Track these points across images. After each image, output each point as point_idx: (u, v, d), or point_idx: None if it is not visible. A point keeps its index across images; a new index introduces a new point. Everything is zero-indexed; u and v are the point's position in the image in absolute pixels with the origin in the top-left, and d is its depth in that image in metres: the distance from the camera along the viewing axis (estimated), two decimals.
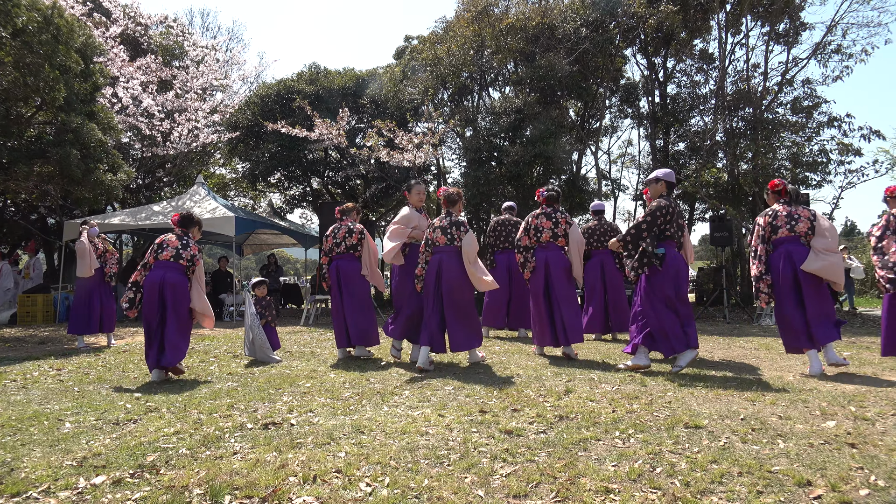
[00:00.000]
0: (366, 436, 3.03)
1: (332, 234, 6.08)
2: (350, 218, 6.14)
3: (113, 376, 5.04)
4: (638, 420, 3.24)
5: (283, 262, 34.00)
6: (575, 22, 12.17)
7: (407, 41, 17.46)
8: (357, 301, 5.92)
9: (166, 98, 13.34)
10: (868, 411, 3.40)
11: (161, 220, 11.15)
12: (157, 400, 3.97)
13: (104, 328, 7.34)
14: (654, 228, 4.93)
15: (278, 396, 4.02)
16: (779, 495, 2.22)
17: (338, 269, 5.99)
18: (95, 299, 7.27)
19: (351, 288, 5.95)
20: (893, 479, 2.35)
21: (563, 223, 5.85)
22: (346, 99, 13.81)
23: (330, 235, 6.08)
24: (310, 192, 16.68)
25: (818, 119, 12.26)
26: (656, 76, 14.13)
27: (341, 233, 6.01)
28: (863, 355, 5.75)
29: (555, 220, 5.86)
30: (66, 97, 8.76)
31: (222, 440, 3.00)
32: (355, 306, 5.89)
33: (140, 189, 15.06)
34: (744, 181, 12.43)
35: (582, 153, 14.41)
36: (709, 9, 11.84)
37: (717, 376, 4.57)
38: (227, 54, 17.37)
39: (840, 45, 12.00)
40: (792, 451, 2.69)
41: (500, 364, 5.30)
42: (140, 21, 14.04)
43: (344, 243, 5.98)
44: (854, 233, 40.61)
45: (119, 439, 3.05)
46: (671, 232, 4.97)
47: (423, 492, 2.29)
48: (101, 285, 7.34)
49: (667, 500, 2.20)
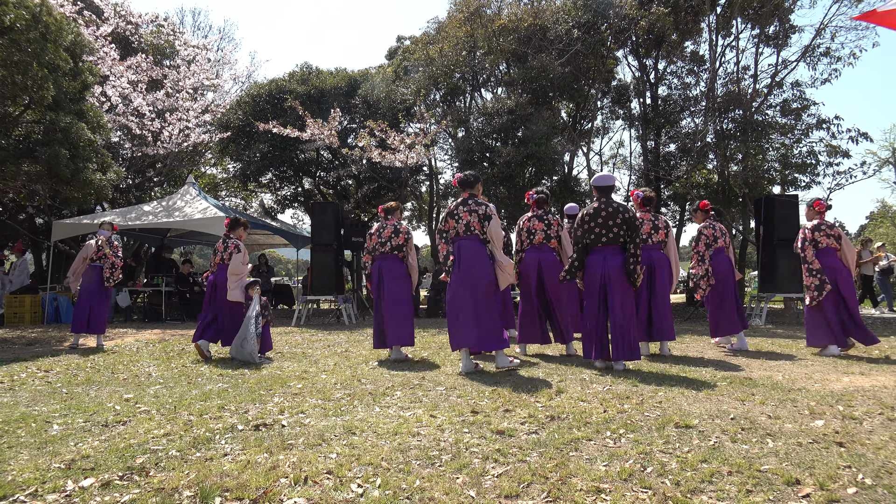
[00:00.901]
0: (357, 437, 3.02)
1: (376, 232, 5.91)
2: (395, 217, 6.01)
3: (102, 378, 5.00)
4: (629, 420, 3.25)
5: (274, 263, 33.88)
6: (567, 23, 12.21)
7: (399, 41, 17.45)
8: (397, 302, 5.78)
9: (157, 97, 13.27)
10: (856, 410, 3.43)
11: (151, 220, 11.08)
12: (146, 401, 3.94)
13: (91, 329, 7.30)
14: (576, 240, 5.14)
15: (269, 397, 4.00)
16: (768, 494, 2.23)
17: (380, 269, 5.85)
18: (85, 300, 7.27)
19: (393, 288, 5.81)
20: (880, 478, 2.37)
21: (555, 225, 5.97)
22: (338, 99, 13.78)
23: (374, 234, 5.92)
24: (301, 193, 16.63)
25: (807, 121, 12.35)
26: (647, 78, 14.21)
27: (387, 232, 5.84)
28: (850, 354, 5.81)
29: (547, 221, 5.96)
30: (55, 96, 8.69)
31: (213, 442, 2.98)
32: (395, 308, 5.76)
33: (130, 189, 14.96)
34: (734, 182, 12.50)
35: (574, 154, 14.46)
36: (699, 11, 11.91)
37: (707, 376, 4.59)
38: (219, 54, 17.29)
39: (829, 48, 12.09)
40: (781, 451, 2.71)
41: (492, 365, 5.31)
42: (130, 20, 13.95)
43: (389, 243, 5.83)
44: None
45: (108, 441, 3.02)
46: (592, 238, 5.05)
47: (414, 492, 2.29)
48: (93, 287, 7.32)
49: (657, 499, 2.21)
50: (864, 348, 6.07)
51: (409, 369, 5.10)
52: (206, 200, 11.96)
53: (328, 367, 5.29)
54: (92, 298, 7.30)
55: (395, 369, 5.12)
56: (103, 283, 7.34)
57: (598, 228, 4.99)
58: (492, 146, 12.18)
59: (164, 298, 11.56)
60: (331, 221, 10.75)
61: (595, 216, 5.02)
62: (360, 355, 6.08)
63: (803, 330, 8.47)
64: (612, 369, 4.91)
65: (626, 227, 4.96)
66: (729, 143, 12.33)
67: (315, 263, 10.93)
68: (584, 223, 5.08)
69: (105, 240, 7.34)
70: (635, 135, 15.63)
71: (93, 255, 7.33)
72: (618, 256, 4.97)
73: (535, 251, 5.93)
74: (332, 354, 6.20)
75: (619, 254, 4.98)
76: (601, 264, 4.99)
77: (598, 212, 5.02)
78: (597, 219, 5.00)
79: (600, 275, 4.98)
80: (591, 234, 5.03)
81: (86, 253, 7.35)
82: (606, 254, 4.99)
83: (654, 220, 5.92)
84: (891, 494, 2.22)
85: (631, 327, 4.95)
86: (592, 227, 5.02)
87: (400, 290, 5.83)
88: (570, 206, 7.40)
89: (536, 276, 5.86)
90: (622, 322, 4.92)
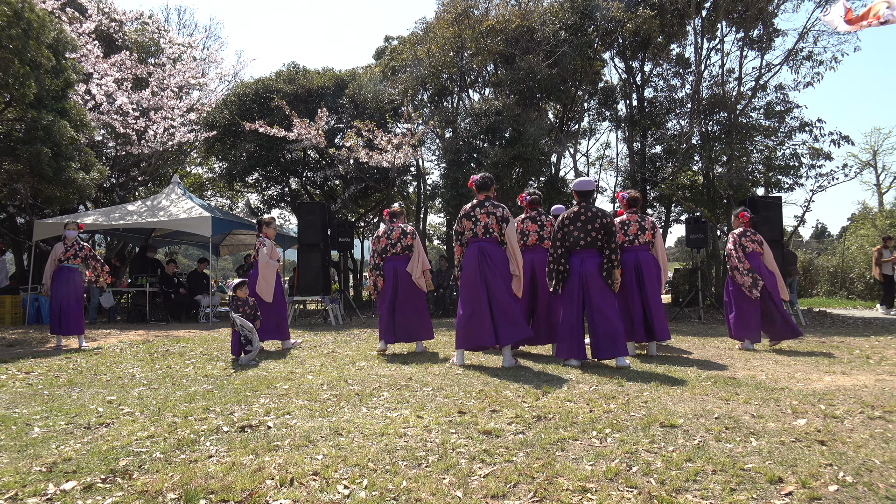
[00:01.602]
0: (344, 438, 3.01)
1: (384, 235, 6.29)
2: (400, 220, 6.43)
3: (84, 379, 4.94)
4: (615, 420, 3.27)
5: None
6: (554, 25, 12.26)
7: (387, 42, 17.41)
8: (413, 301, 6.17)
9: (141, 96, 13.13)
10: (837, 409, 3.48)
11: (135, 219, 10.96)
12: (130, 403, 3.90)
13: (67, 331, 7.24)
14: (556, 243, 5.24)
15: (255, 399, 3.97)
16: (751, 492, 2.26)
17: (395, 269, 6.21)
18: (55, 302, 7.27)
19: (408, 288, 6.17)
20: (861, 475, 2.41)
21: (548, 226, 6.08)
22: (325, 99, 13.71)
23: (383, 237, 6.30)
24: (288, 193, 16.53)
25: (790, 124, 12.51)
26: (634, 80, 14.30)
27: (395, 234, 6.24)
28: (832, 354, 5.89)
29: (540, 223, 6.09)
30: (37, 93, 8.57)
31: (197, 443, 2.95)
32: (410, 306, 6.15)
33: (114, 188, 14.79)
34: (719, 184, 12.64)
35: (561, 155, 14.51)
36: (685, 14, 12.02)
37: (692, 376, 4.63)
38: (205, 52, 17.15)
39: (811, 52, 12.25)
40: (764, 449, 2.74)
41: (479, 365, 5.32)
42: (114, 17, 13.78)
43: (399, 244, 6.22)
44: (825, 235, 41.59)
45: (90, 444, 2.98)
46: (571, 241, 5.17)
47: (401, 493, 2.29)
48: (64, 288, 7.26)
49: (643, 498, 2.22)
50: (845, 347, 6.15)
51: (398, 369, 5.09)
52: (192, 200, 11.85)
53: (314, 368, 5.27)
54: (63, 300, 7.25)
55: (383, 370, 5.11)
56: (74, 284, 7.32)
57: (576, 232, 5.17)
58: (479, 147, 12.19)
59: (149, 299, 11.44)
60: (317, 222, 10.71)
61: (574, 220, 5.19)
62: (346, 356, 6.06)
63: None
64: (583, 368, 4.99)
65: (604, 232, 5.14)
66: (714, 145, 12.45)
67: (301, 264, 10.88)
68: (563, 226, 5.24)
69: (72, 239, 7.31)
70: (622, 136, 15.72)
71: (61, 257, 7.29)
72: (595, 259, 5.17)
73: (528, 252, 6.01)
74: (319, 355, 6.18)
75: (596, 257, 5.18)
76: (579, 266, 5.17)
77: (578, 216, 5.19)
78: (576, 222, 5.18)
79: (578, 277, 5.15)
80: (569, 237, 5.21)
81: (54, 255, 7.33)
82: (584, 256, 5.18)
83: (640, 221, 5.97)
84: (871, 492, 2.26)
85: (617, 325, 5.05)
86: (571, 230, 5.19)
87: (415, 289, 6.21)
88: (556, 207, 7.44)
89: (529, 276, 5.95)
90: (606, 320, 5.01)
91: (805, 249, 23.13)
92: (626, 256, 5.85)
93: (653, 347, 5.95)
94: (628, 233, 5.94)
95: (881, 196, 28.25)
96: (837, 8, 4.41)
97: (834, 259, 20.43)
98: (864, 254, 18.34)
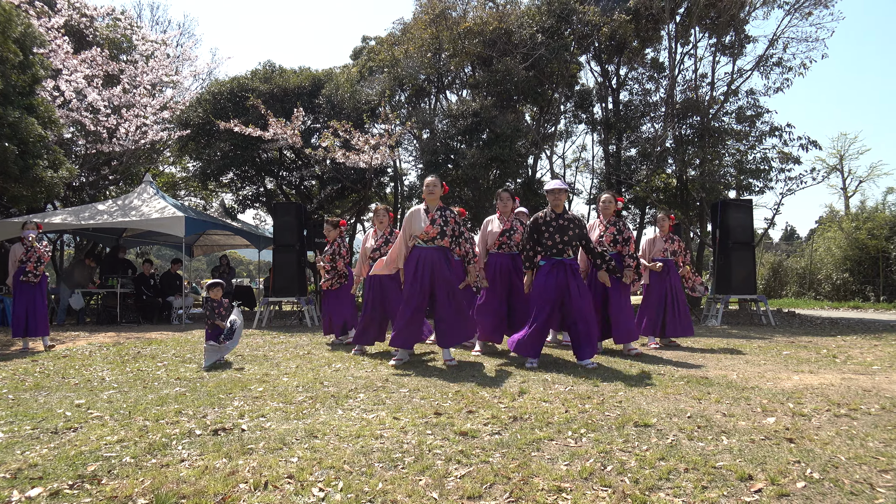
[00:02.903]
0: (319, 440, 2.99)
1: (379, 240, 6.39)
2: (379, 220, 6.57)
3: (51, 383, 4.82)
4: (590, 419, 3.30)
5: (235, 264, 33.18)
6: (531, 28, 12.34)
7: (364, 42, 17.34)
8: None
9: (113, 93, 12.84)
10: (805, 407, 3.57)
11: (106, 219, 10.72)
12: (99, 407, 3.81)
13: (32, 332, 7.08)
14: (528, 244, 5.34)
15: (229, 401, 3.92)
16: (722, 490, 2.30)
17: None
18: (18, 304, 7.12)
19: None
20: (827, 472, 2.47)
21: (520, 229, 6.14)
22: (301, 98, 13.58)
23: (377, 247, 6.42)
24: (263, 193, 16.33)
25: (761, 128, 12.78)
26: (609, 83, 14.48)
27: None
28: (800, 354, 6.03)
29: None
30: (3, 89, 8.35)
31: (169, 447, 2.90)
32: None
33: (83, 187, 14.45)
34: (692, 187, 12.86)
35: (537, 157, 14.62)
36: (659, 19, 12.21)
37: (665, 375, 4.70)
38: (178, 49, 16.87)
39: (781, 59, 12.55)
40: (735, 447, 2.79)
41: (455, 366, 5.32)
42: (85, 13, 13.47)
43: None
44: (794, 237, 42.57)
45: (57, 449, 2.91)
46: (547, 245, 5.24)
47: (376, 495, 2.28)
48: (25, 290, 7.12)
49: (617, 497, 2.25)
50: (813, 347, 6.30)
51: (374, 371, 5.07)
52: (165, 200, 11.64)
53: (290, 370, 5.21)
54: (28, 302, 7.09)
55: (359, 371, 5.08)
56: (39, 285, 7.16)
57: (550, 240, 5.21)
58: (456, 148, 12.21)
59: (120, 300, 11.21)
60: (293, 222, 10.61)
61: (549, 224, 5.24)
62: (322, 357, 6.01)
63: (758, 330, 8.77)
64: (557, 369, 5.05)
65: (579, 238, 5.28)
66: (687, 149, 12.67)
67: (277, 264, 10.77)
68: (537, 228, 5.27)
69: (32, 239, 7.15)
70: (597, 139, 15.91)
71: (21, 257, 7.14)
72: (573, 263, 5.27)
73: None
74: (294, 357, 6.12)
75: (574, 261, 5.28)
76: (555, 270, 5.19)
77: (555, 219, 5.24)
78: (549, 227, 5.23)
79: (555, 283, 5.14)
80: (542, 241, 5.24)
81: (14, 256, 7.19)
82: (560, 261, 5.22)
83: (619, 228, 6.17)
84: (837, 487, 2.31)
85: (593, 327, 5.14)
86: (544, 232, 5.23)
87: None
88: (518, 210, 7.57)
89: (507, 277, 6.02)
90: (586, 323, 5.10)
91: (775, 251, 23.64)
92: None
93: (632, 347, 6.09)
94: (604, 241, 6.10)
95: (847, 199, 29.07)
96: None
97: (802, 261, 20.93)
98: (831, 256, 18.83)
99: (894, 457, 2.65)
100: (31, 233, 7.21)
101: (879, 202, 21.25)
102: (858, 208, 21.94)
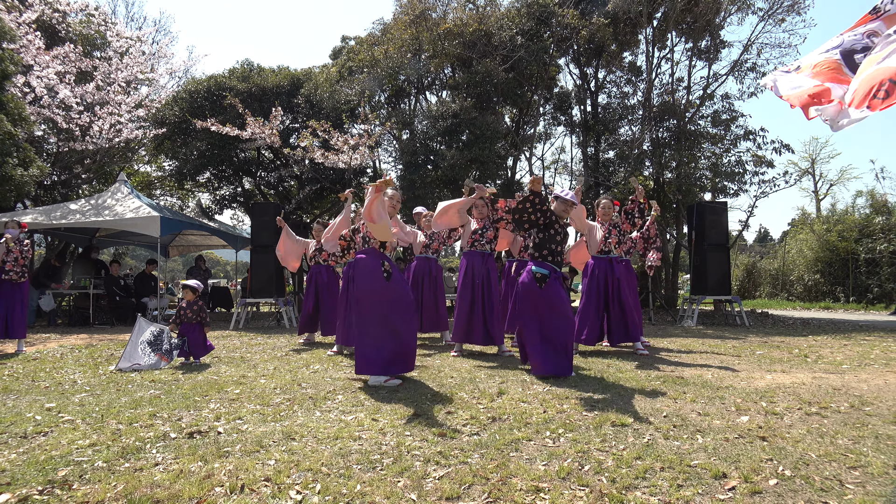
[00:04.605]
0: (297, 442, 2.96)
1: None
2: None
3: (21, 386, 4.70)
4: (568, 420, 3.33)
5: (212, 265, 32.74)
6: (511, 30, 12.40)
7: (344, 41, 17.25)
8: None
9: (86, 90, 12.57)
10: (777, 406, 3.64)
11: (79, 218, 10.49)
12: (70, 410, 3.73)
13: (10, 334, 6.91)
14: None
15: (205, 404, 3.86)
16: (697, 488, 2.33)
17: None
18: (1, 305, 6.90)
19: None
20: (798, 469, 2.52)
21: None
22: (279, 98, 13.45)
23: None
24: (241, 193, 16.14)
25: (735, 132, 13.02)
26: (588, 86, 14.60)
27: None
28: (773, 353, 6.15)
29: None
30: None
31: (143, 451, 2.85)
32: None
33: (55, 186, 14.13)
34: (668, 189, 13.03)
35: (516, 159, 14.68)
36: (637, 23, 12.36)
37: (643, 375, 4.76)
38: (154, 47, 16.60)
39: (755, 64, 12.81)
40: (710, 446, 2.83)
41: (434, 367, 5.32)
42: (58, 7, 13.17)
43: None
44: (767, 239, 43.39)
45: (27, 453, 2.84)
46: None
47: (354, 497, 2.26)
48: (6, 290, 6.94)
49: (594, 496, 2.27)
50: (785, 346, 6.43)
51: (353, 372, 5.04)
52: (139, 199, 11.43)
53: (267, 372, 5.16)
54: (9, 304, 6.91)
55: (337, 373, 5.05)
56: (18, 285, 6.99)
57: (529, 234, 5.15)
58: (436, 149, 12.21)
59: (92, 301, 10.98)
60: (271, 223, 10.51)
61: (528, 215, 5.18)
62: (300, 359, 5.96)
63: (733, 330, 8.91)
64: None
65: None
66: (664, 152, 12.84)
67: (255, 265, 10.67)
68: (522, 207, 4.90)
69: (13, 238, 6.98)
70: (576, 141, 16.03)
71: (2, 257, 6.95)
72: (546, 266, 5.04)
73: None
74: (272, 359, 6.06)
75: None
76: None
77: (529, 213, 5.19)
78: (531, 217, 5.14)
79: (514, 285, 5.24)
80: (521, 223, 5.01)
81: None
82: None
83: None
84: (808, 484, 2.36)
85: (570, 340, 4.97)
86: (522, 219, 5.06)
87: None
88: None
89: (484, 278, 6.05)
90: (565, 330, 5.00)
91: (749, 253, 24.07)
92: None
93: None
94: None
95: (818, 202, 29.74)
96: (836, 92, 3.03)
97: (775, 262, 21.34)
98: (803, 258, 19.23)
99: (863, 454, 2.72)
100: (12, 232, 7.02)
101: (849, 205, 21.75)
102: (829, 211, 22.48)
